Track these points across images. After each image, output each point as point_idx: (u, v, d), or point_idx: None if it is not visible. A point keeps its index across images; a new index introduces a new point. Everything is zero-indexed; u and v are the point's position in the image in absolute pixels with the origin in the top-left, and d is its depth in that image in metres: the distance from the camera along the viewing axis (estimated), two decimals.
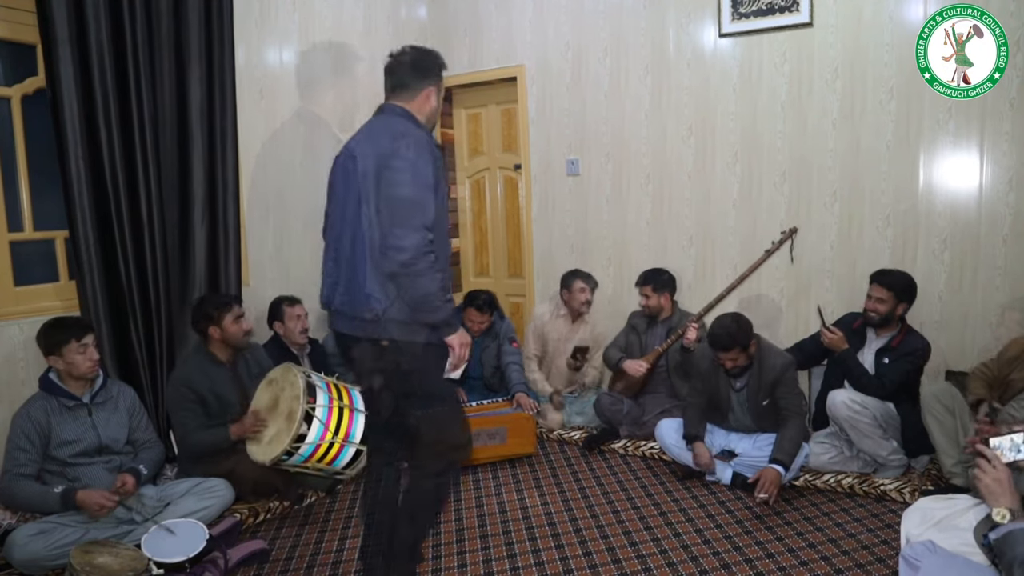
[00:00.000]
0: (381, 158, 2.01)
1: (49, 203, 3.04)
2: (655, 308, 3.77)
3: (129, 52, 2.95)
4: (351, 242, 2.07)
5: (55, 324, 2.57)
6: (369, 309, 2.02)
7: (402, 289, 1.98)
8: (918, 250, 3.51)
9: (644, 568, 2.48)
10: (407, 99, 2.19)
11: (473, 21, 4.64)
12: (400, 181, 1.97)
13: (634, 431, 3.67)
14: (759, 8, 3.71)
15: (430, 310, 1.99)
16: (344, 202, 2.12)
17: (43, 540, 2.35)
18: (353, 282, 2.06)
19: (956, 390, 2.91)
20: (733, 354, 3.03)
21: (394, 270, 1.96)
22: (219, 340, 2.97)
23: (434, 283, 1.97)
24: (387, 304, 2.01)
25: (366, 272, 2.03)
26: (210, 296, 3.11)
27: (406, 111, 2.17)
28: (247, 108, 3.59)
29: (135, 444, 2.73)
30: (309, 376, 2.64)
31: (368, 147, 2.08)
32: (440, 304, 2.00)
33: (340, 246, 2.12)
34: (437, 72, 2.22)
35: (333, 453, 2.60)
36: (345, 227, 2.10)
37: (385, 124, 2.12)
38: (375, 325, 2.04)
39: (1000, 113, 3.27)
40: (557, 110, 4.44)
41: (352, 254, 2.07)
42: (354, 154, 2.11)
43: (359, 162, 2.07)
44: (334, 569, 2.54)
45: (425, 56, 2.21)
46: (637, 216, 4.25)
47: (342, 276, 2.11)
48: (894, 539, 2.58)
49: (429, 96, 2.21)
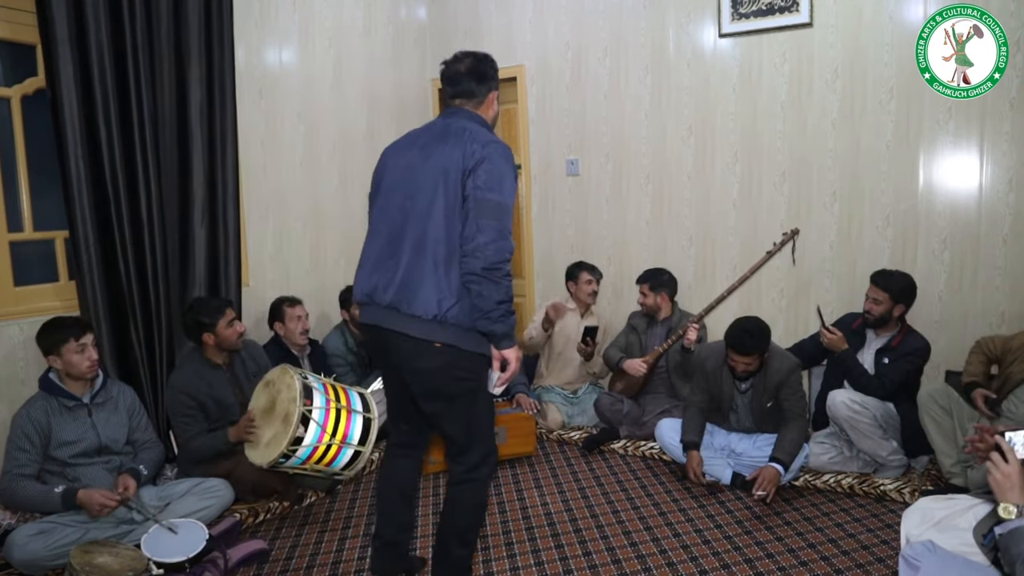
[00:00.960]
0: (469, 159, 1.95)
1: (49, 203, 3.04)
2: (652, 307, 3.77)
3: (129, 52, 2.95)
4: (416, 239, 1.98)
5: (54, 323, 2.57)
6: (429, 308, 1.94)
7: (475, 294, 1.92)
8: (918, 250, 3.51)
9: (644, 568, 2.48)
10: (475, 105, 2.15)
11: (473, 21, 4.64)
12: (493, 186, 1.93)
13: (634, 431, 3.67)
14: (759, 8, 3.71)
15: (496, 319, 1.93)
16: (407, 197, 2.02)
17: (43, 540, 2.35)
18: (412, 279, 1.97)
19: (952, 390, 2.92)
20: (750, 359, 3.01)
21: (475, 271, 1.90)
22: (214, 345, 2.96)
23: (506, 291, 1.94)
24: (450, 306, 1.95)
25: (431, 271, 1.96)
26: (201, 302, 3.04)
27: (480, 117, 2.13)
28: (247, 108, 3.59)
29: (135, 444, 2.73)
30: (306, 378, 2.64)
31: (450, 147, 1.99)
32: (507, 314, 1.95)
33: (400, 241, 2.01)
34: (494, 76, 2.19)
35: (331, 455, 2.60)
36: (407, 223, 2.00)
37: (464, 126, 2.04)
38: (432, 326, 1.96)
39: (1000, 113, 3.27)
40: (557, 110, 4.44)
41: (416, 251, 1.98)
42: (429, 151, 2.03)
43: (438, 160, 1.99)
44: (334, 569, 2.54)
45: (482, 61, 2.16)
46: (637, 216, 4.25)
47: (400, 272, 1.99)
48: (894, 539, 2.58)
49: (493, 101, 2.18)
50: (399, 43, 4.58)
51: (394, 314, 2.00)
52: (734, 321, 3.09)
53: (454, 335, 1.96)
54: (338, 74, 4.16)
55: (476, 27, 4.63)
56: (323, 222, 4.11)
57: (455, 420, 2.08)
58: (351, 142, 4.27)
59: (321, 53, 4.05)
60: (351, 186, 4.27)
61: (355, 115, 4.28)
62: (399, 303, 1.98)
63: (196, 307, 2.99)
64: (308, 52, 3.97)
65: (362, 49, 4.29)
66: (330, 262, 4.18)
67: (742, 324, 3.04)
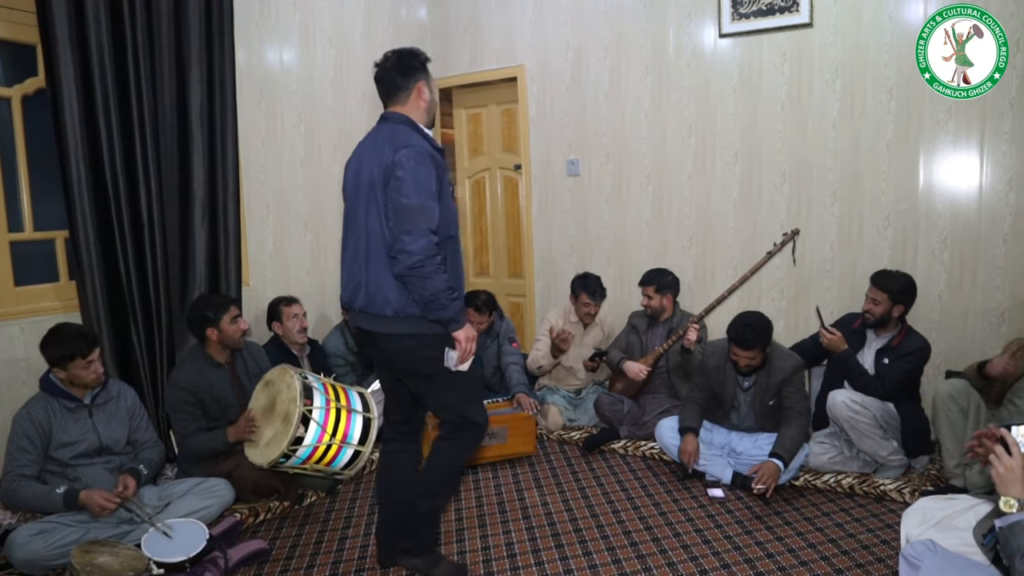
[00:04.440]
0: (386, 168, 2.12)
1: (49, 203, 3.05)
2: (657, 309, 3.77)
3: (129, 52, 2.95)
4: (365, 246, 2.20)
5: (60, 337, 2.51)
6: (387, 307, 2.17)
7: (412, 290, 2.12)
8: (918, 250, 3.51)
9: (644, 568, 2.48)
10: (403, 101, 2.28)
11: (473, 21, 4.64)
12: (404, 191, 2.08)
13: (634, 431, 3.67)
14: (759, 8, 3.71)
15: (438, 308, 2.11)
16: (355, 208, 2.25)
17: (43, 540, 2.35)
18: (371, 283, 2.19)
19: (973, 390, 2.82)
20: (753, 353, 3.03)
21: (403, 273, 2.09)
22: (216, 342, 2.96)
23: (441, 283, 2.09)
24: (405, 302, 2.16)
25: (381, 273, 2.17)
26: (206, 298, 3.09)
27: (406, 118, 2.27)
28: (247, 108, 3.59)
29: (135, 444, 2.72)
30: (306, 377, 2.64)
31: (373, 157, 2.18)
32: (447, 302, 2.11)
33: (357, 249, 2.24)
34: (421, 66, 2.30)
35: (331, 454, 2.61)
36: (360, 231, 2.22)
37: (388, 134, 2.21)
38: (394, 321, 2.19)
39: (1000, 113, 3.27)
40: (557, 110, 4.44)
41: (367, 257, 2.20)
42: (361, 163, 2.23)
43: (365, 172, 2.20)
44: (334, 569, 2.54)
45: (405, 55, 2.29)
46: (637, 216, 4.25)
47: (362, 277, 2.22)
48: (894, 539, 2.58)
49: (420, 91, 2.29)
50: (399, 43, 4.50)
51: (366, 316, 2.25)
52: (736, 316, 3.11)
53: (416, 325, 2.19)
54: (338, 74, 4.16)
55: (476, 27, 4.63)
56: (323, 222, 4.12)
57: (434, 394, 2.33)
58: (351, 142, 4.21)
59: (321, 53, 4.05)
60: None
61: (355, 115, 4.28)
62: (367, 306, 2.22)
63: (201, 302, 3.02)
64: (308, 52, 3.98)
65: (362, 49, 4.30)
66: (330, 262, 4.18)
67: (744, 319, 3.05)
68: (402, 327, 2.19)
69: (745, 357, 3.04)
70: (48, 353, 2.51)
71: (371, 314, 2.22)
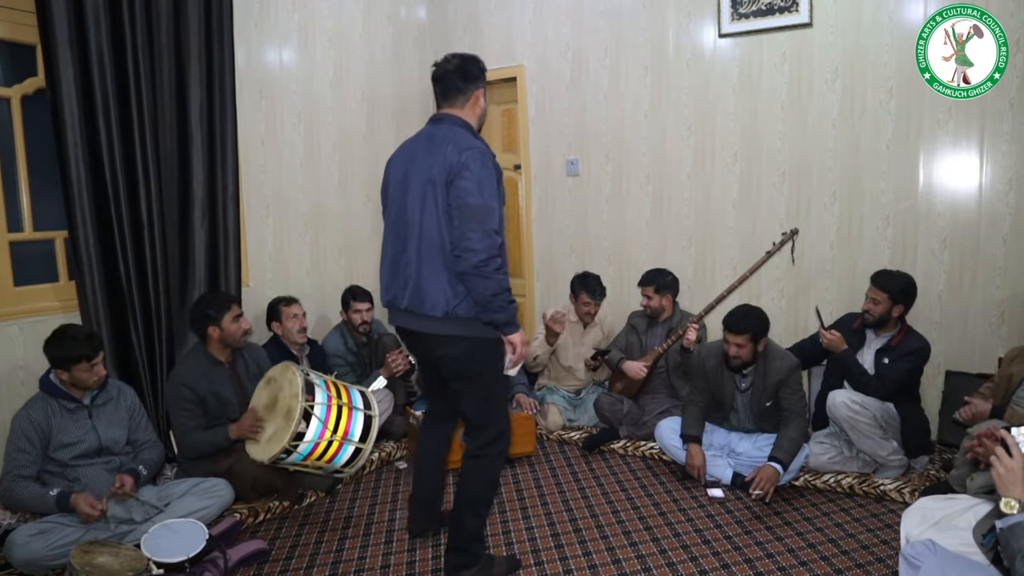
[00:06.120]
0: (451, 168, 2.13)
1: (49, 203, 3.05)
2: (656, 309, 3.77)
3: (129, 53, 2.95)
4: (417, 246, 2.20)
5: (65, 340, 2.50)
6: (438, 307, 2.18)
7: (472, 289, 2.13)
8: (918, 250, 3.51)
9: (644, 568, 2.48)
10: (460, 105, 2.31)
11: (473, 21, 4.64)
12: (471, 191, 2.10)
13: (634, 431, 3.67)
14: (759, 8, 3.71)
15: (496, 309, 2.13)
16: (403, 207, 2.26)
17: (43, 540, 2.35)
18: (421, 283, 2.20)
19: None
20: (742, 339, 3.03)
21: (466, 271, 2.10)
22: (218, 340, 2.96)
23: (501, 284, 2.12)
24: (456, 303, 2.17)
25: (434, 273, 2.18)
26: (209, 296, 3.10)
27: (464, 121, 2.29)
28: (247, 108, 3.59)
29: (135, 445, 2.72)
30: (308, 374, 2.65)
31: (432, 156, 2.19)
32: (505, 304, 2.14)
33: (406, 248, 2.24)
34: (480, 74, 2.35)
35: (332, 451, 2.61)
36: (412, 231, 2.22)
37: (447, 134, 2.22)
38: (443, 323, 2.20)
39: (1000, 113, 3.27)
40: (557, 110, 4.44)
41: (419, 257, 2.20)
42: (414, 162, 2.25)
43: (421, 171, 2.20)
44: (334, 569, 2.54)
45: (469, 60, 2.33)
46: (637, 216, 4.25)
47: (411, 277, 2.22)
48: (894, 539, 2.58)
49: (478, 98, 2.33)
50: (399, 43, 4.58)
51: (412, 316, 2.26)
52: None
53: (465, 327, 2.20)
54: (338, 74, 4.16)
55: (476, 27, 4.63)
56: (323, 222, 4.12)
57: (473, 398, 2.33)
58: (351, 142, 4.27)
59: (321, 53, 4.05)
60: (351, 186, 4.27)
61: (355, 115, 4.28)
62: (414, 306, 2.23)
63: (203, 300, 3.03)
64: (308, 52, 3.97)
65: (362, 49, 4.29)
66: (330, 262, 4.18)
67: (738, 307, 3.12)
68: (452, 329, 2.20)
69: (735, 344, 3.05)
70: (53, 354, 2.51)
71: (419, 315, 2.22)
